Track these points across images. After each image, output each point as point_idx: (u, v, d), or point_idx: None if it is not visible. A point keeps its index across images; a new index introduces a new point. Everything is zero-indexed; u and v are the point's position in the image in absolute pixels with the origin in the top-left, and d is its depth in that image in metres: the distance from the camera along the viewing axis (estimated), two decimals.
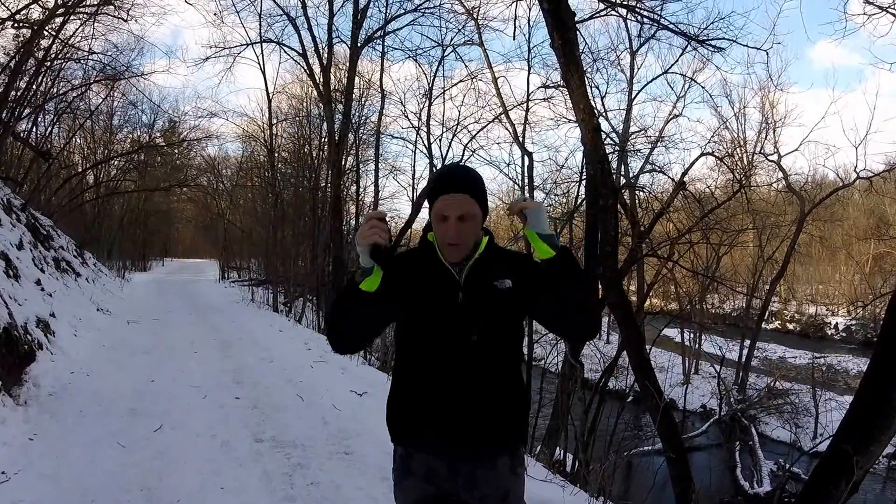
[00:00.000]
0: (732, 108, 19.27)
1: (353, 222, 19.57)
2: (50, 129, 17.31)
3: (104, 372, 6.64)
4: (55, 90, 14.26)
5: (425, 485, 1.83)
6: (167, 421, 5.06)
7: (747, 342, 19.96)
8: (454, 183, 1.71)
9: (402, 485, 1.89)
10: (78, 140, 22.58)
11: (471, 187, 1.71)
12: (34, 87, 12.22)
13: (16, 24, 10.75)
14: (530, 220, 1.73)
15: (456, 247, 1.73)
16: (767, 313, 23.91)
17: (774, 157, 18.91)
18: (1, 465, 3.76)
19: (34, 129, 15.98)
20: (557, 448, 8.38)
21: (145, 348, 8.29)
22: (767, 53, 13.72)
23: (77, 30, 12.78)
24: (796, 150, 24.25)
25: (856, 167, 18.18)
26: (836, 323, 29.52)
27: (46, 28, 11.02)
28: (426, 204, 1.86)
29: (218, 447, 4.57)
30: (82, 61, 14.08)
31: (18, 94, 11.44)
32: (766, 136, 18.89)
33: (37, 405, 5.08)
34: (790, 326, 30.86)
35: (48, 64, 12.21)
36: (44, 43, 11.59)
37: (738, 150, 18.74)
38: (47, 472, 3.82)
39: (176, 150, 26.43)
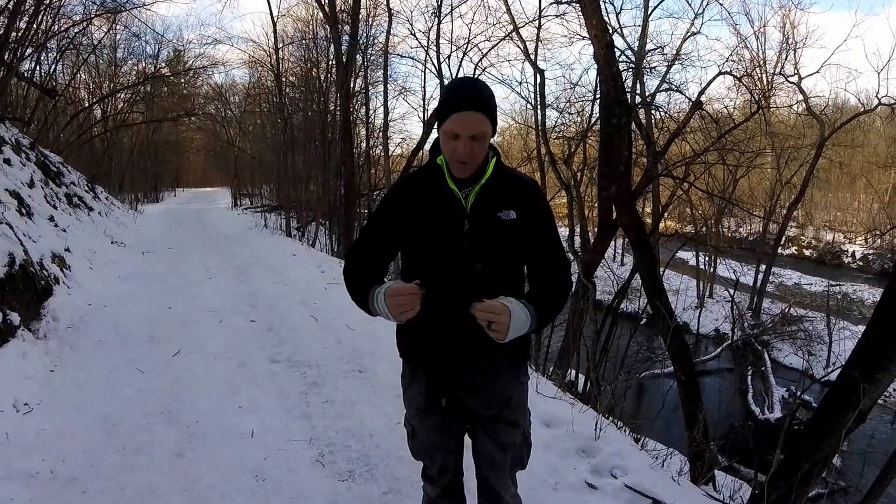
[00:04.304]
0: (752, 27, 18.60)
1: (363, 145, 19.38)
2: (53, 66, 16.96)
3: (121, 302, 6.70)
4: (56, 27, 13.83)
5: (431, 391, 1.88)
6: (185, 346, 5.15)
7: (762, 267, 19.92)
8: (468, 100, 1.64)
9: (410, 391, 1.96)
10: (83, 75, 22.30)
11: (485, 105, 1.65)
12: (35, 25, 11.88)
13: None
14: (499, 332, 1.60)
15: (466, 164, 1.70)
16: (784, 238, 23.73)
17: (794, 79, 18.33)
18: (24, 397, 3.83)
19: (38, 68, 15.69)
20: (570, 370, 8.49)
21: (160, 277, 8.36)
22: None
23: None
24: (817, 72, 23.60)
25: (877, 93, 17.81)
26: (854, 251, 29.26)
27: None
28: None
29: (235, 369, 4.66)
30: None
31: (19, 34, 11.13)
32: (787, 56, 18.25)
33: (56, 338, 5.14)
34: (807, 253, 30.66)
35: (47, 1, 11.82)
36: None
37: (757, 70, 18.00)
38: (69, 401, 3.90)
39: (182, 80, 26.09)
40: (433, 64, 16.04)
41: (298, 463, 3.19)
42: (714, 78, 15.76)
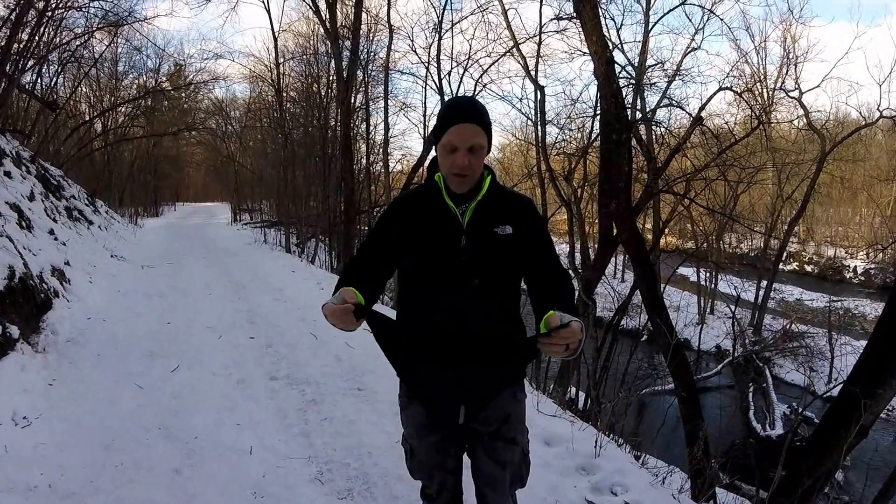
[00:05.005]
0: (752, 42, 18.79)
1: (363, 161, 19.43)
2: (55, 79, 17.09)
3: (120, 316, 6.69)
4: (58, 40, 13.96)
5: (429, 409, 1.89)
6: (183, 361, 5.13)
7: (764, 283, 19.87)
8: (465, 113, 1.69)
9: (408, 410, 1.97)
10: (84, 89, 22.34)
11: (481, 118, 1.70)
12: (36, 38, 11.98)
13: None
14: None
15: (464, 178, 1.73)
16: (785, 254, 23.68)
17: (795, 94, 18.45)
18: (22, 410, 3.82)
19: (39, 81, 15.80)
20: (571, 388, 8.45)
21: (160, 292, 8.34)
22: None
23: None
24: (818, 86, 23.68)
25: (879, 105, 17.94)
26: (855, 266, 29.16)
27: None
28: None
29: (234, 385, 4.63)
30: (84, 9, 13.77)
31: (21, 46, 11.22)
32: (787, 71, 18.39)
33: (55, 352, 5.13)
34: (808, 268, 30.55)
35: (49, 14, 11.90)
36: None
37: (757, 85, 18.19)
38: (68, 415, 3.88)
39: (183, 94, 26.25)
40: (434, 80, 16.20)
41: (297, 480, 3.16)
42: (715, 93, 15.88)
